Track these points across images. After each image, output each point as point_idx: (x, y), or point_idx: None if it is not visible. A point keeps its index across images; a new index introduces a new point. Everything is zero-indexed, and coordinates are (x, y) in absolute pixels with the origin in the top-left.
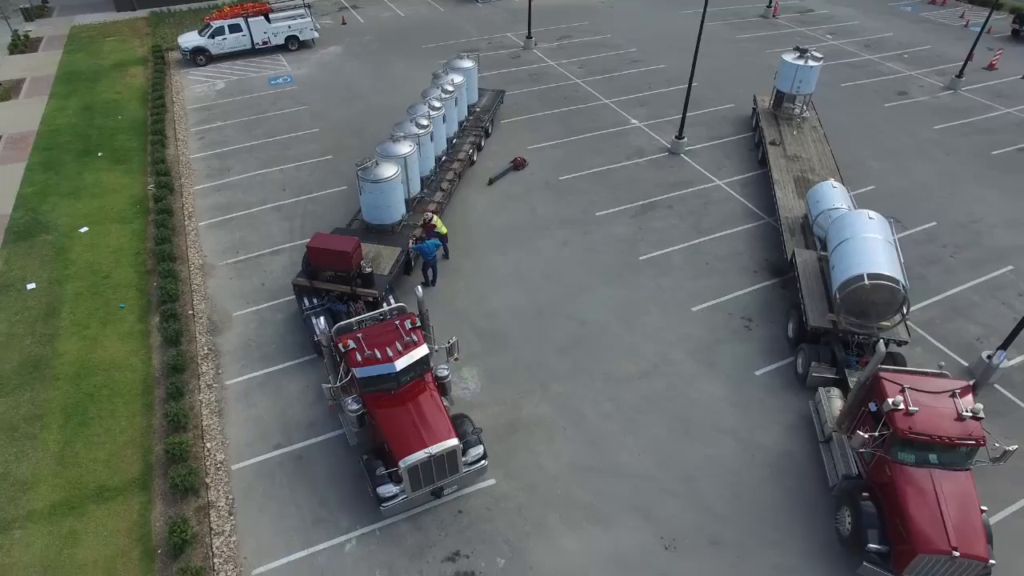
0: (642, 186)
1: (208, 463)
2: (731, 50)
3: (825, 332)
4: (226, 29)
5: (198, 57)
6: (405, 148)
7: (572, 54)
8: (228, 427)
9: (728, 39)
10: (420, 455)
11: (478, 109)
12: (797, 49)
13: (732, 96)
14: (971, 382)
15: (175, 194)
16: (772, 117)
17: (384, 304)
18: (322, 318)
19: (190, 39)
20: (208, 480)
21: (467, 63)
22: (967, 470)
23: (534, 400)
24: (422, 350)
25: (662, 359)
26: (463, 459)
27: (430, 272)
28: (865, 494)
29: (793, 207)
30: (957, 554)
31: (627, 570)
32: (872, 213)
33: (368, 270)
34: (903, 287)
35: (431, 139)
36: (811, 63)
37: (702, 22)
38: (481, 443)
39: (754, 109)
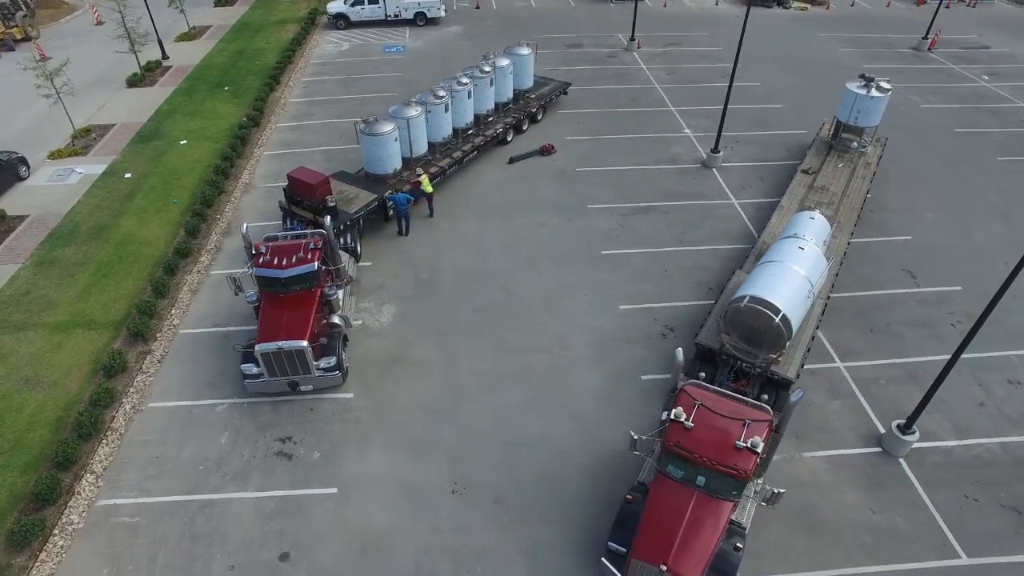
0: (651, 190)
1: (165, 324)
2: (844, 78)
3: (715, 352)
4: (365, 0)
5: (339, 22)
6: (412, 112)
7: (669, 60)
8: (194, 303)
9: (851, 67)
10: (271, 345)
11: (532, 96)
12: (862, 77)
13: (813, 123)
14: (772, 419)
15: (259, 127)
16: (825, 146)
17: (341, 239)
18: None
19: (335, 6)
20: (159, 335)
21: (524, 50)
22: (731, 501)
23: (426, 344)
24: (309, 267)
25: (559, 341)
26: (315, 363)
27: (403, 222)
28: (629, 496)
29: (778, 233)
30: (665, 569)
31: (407, 495)
32: (804, 244)
33: (332, 204)
34: (782, 319)
35: (446, 110)
36: (875, 94)
37: (742, 33)
38: (335, 355)
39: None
